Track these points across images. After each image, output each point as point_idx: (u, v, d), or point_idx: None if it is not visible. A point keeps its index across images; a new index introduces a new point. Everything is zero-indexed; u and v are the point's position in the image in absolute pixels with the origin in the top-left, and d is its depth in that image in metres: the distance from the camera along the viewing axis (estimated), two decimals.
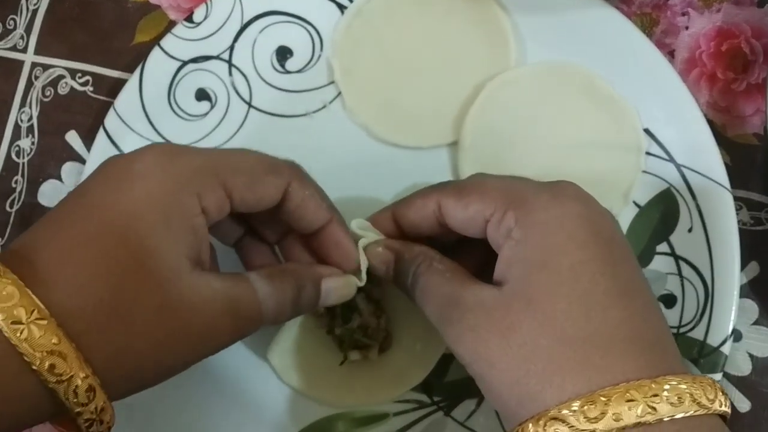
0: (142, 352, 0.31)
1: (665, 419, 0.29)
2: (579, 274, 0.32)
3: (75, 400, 0.29)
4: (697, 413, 0.29)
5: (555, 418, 0.29)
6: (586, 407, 0.29)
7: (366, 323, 0.42)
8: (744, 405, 0.44)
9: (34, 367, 0.28)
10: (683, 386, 0.30)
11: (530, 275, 0.32)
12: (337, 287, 0.38)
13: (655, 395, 0.29)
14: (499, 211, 0.34)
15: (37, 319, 0.29)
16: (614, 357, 0.31)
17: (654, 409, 0.29)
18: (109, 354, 0.30)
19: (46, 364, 0.29)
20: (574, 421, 0.29)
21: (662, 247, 0.44)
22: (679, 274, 0.44)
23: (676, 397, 0.29)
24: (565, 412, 0.29)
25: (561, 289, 0.32)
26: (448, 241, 0.40)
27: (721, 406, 0.30)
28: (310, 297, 0.37)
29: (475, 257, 0.40)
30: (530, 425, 0.30)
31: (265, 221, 0.39)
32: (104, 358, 0.30)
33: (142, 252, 0.31)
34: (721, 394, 0.30)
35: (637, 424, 0.29)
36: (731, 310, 0.42)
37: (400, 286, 0.38)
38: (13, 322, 0.28)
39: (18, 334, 0.28)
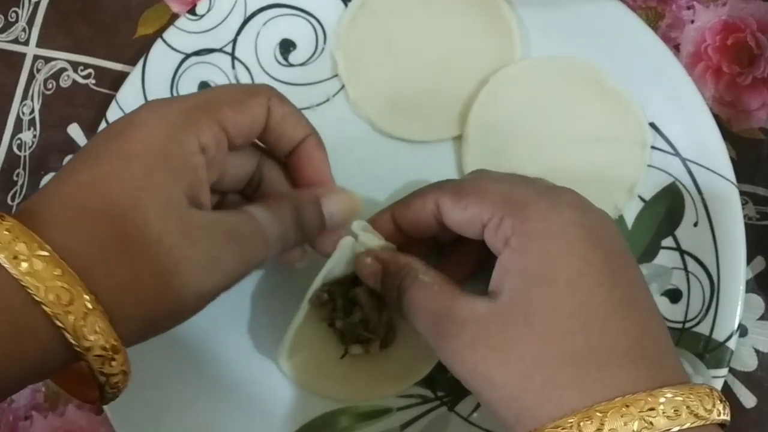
0: (148, 285, 0.31)
1: None
2: (577, 286, 0.32)
3: (83, 333, 0.29)
4: (695, 425, 0.29)
5: None
6: (582, 423, 0.29)
7: (367, 317, 0.41)
8: (750, 401, 0.44)
9: (38, 299, 0.28)
10: (679, 398, 0.29)
11: (527, 288, 0.32)
12: (339, 202, 0.39)
13: (652, 409, 0.29)
14: (497, 216, 0.34)
15: (38, 250, 0.29)
16: (611, 371, 0.30)
17: (651, 423, 0.29)
18: (115, 287, 0.30)
19: (51, 296, 0.28)
20: None
21: (668, 241, 0.44)
22: (685, 268, 0.43)
23: (672, 410, 0.29)
24: (560, 428, 0.29)
25: (559, 302, 0.31)
26: (449, 239, 0.40)
27: (719, 416, 0.30)
28: (312, 216, 0.38)
29: (475, 257, 0.40)
30: None
31: (270, 195, 0.40)
32: (111, 292, 0.30)
33: (140, 188, 0.32)
34: (719, 402, 0.30)
35: None
36: (737, 305, 0.42)
37: (388, 299, 0.38)
38: (15, 257, 0.28)
39: (20, 267, 0.28)
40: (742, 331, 0.44)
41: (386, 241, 0.39)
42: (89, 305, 0.29)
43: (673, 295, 0.43)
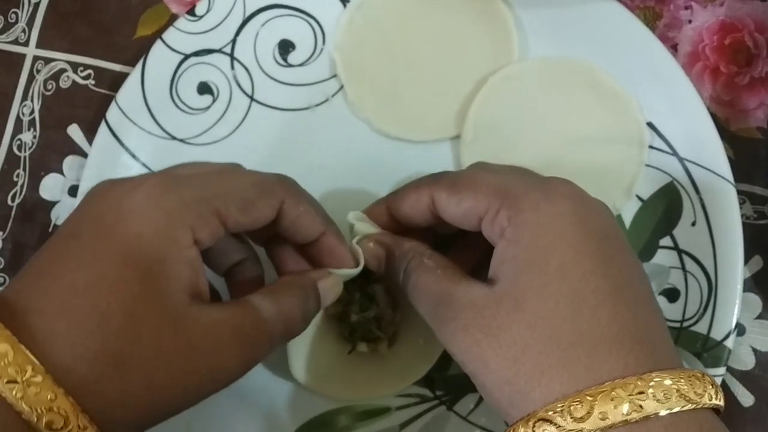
0: (141, 398, 0.31)
1: (652, 416, 0.29)
2: (568, 273, 0.32)
3: None
4: (686, 408, 0.29)
5: (543, 419, 0.30)
6: (572, 407, 0.29)
7: (382, 314, 0.42)
8: (747, 399, 0.44)
9: (32, 425, 0.28)
10: (668, 382, 0.29)
11: (519, 275, 0.32)
12: (332, 286, 0.38)
13: (641, 392, 0.29)
14: (492, 208, 0.34)
15: (32, 377, 0.29)
16: (601, 356, 0.30)
17: (640, 406, 0.29)
18: (107, 404, 0.30)
19: (44, 420, 0.29)
20: (561, 421, 0.29)
21: (665, 241, 0.44)
22: (683, 268, 0.44)
23: (662, 394, 0.29)
24: (552, 412, 0.29)
25: (549, 289, 0.32)
26: (449, 232, 0.40)
27: (711, 400, 0.30)
28: (314, 304, 0.37)
29: (476, 247, 0.40)
30: (520, 427, 0.30)
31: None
32: (103, 409, 0.30)
33: (136, 297, 0.31)
34: (711, 387, 0.30)
35: (625, 422, 0.29)
36: (734, 304, 0.42)
37: (393, 283, 0.38)
38: (9, 381, 0.28)
39: (14, 393, 0.28)
40: (740, 330, 0.44)
41: (381, 231, 0.39)
42: (82, 426, 0.29)
43: (671, 295, 0.43)
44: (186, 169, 0.35)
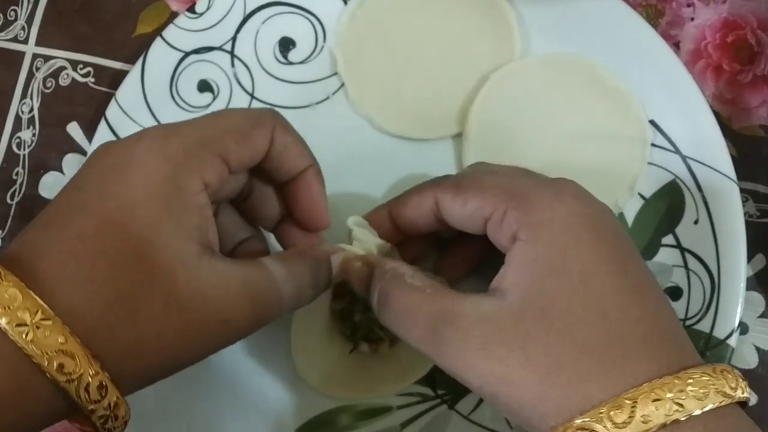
0: (153, 346, 0.30)
1: (694, 414, 0.28)
2: (590, 276, 0.31)
3: (87, 397, 0.29)
4: (723, 404, 0.29)
5: (582, 428, 0.28)
6: (612, 412, 0.28)
7: None
8: (751, 398, 0.44)
9: (42, 368, 0.28)
10: (706, 378, 0.29)
11: (541, 281, 0.31)
12: (339, 260, 0.38)
13: (681, 391, 0.28)
14: (499, 210, 0.33)
15: (42, 319, 0.28)
16: (635, 357, 0.30)
17: (681, 405, 0.28)
18: (119, 350, 0.30)
19: (55, 364, 0.28)
20: (601, 429, 0.28)
21: (668, 239, 0.44)
22: (685, 266, 0.43)
23: (701, 391, 0.29)
24: (591, 420, 0.28)
25: (575, 293, 0.31)
26: (448, 236, 0.40)
27: (743, 393, 0.30)
28: (325, 276, 0.37)
29: (474, 251, 0.40)
30: None
31: (261, 206, 0.39)
32: (114, 354, 0.30)
33: (146, 243, 0.30)
34: (741, 381, 0.30)
35: (665, 424, 0.28)
36: (737, 302, 0.42)
37: (369, 305, 0.37)
38: (18, 325, 0.28)
39: (24, 336, 0.28)
40: (743, 328, 0.44)
41: (380, 239, 0.39)
42: (93, 372, 0.29)
43: (674, 293, 0.43)
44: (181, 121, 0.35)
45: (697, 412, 0.28)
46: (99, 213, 0.31)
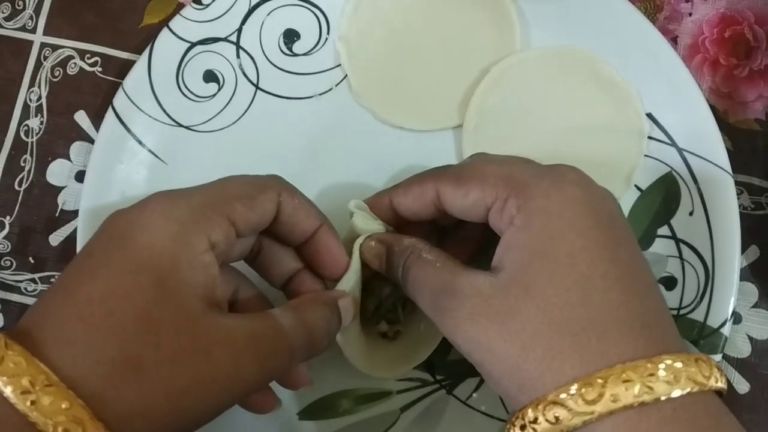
0: (161, 405, 0.30)
1: (662, 398, 0.29)
2: (577, 260, 0.32)
3: None
4: (694, 390, 0.30)
5: (554, 402, 0.30)
6: (583, 390, 0.29)
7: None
8: (743, 386, 0.45)
9: None
10: (679, 364, 0.30)
11: (529, 262, 0.33)
12: (350, 305, 0.38)
13: (651, 375, 0.29)
14: (500, 198, 0.34)
15: (46, 385, 0.28)
16: (611, 340, 0.31)
17: (651, 388, 0.29)
18: (125, 411, 0.30)
19: (60, 430, 0.28)
20: (572, 404, 0.29)
21: (663, 230, 0.45)
22: (680, 256, 0.44)
23: (672, 376, 0.29)
24: (563, 395, 0.30)
25: (559, 274, 0.32)
26: (448, 223, 0.40)
27: (717, 383, 0.30)
28: (337, 321, 0.37)
29: (475, 238, 0.41)
30: (529, 410, 0.30)
31: (271, 264, 0.39)
32: (121, 417, 0.29)
33: (151, 302, 0.31)
34: (716, 371, 0.31)
35: (635, 404, 0.29)
36: (731, 292, 0.43)
37: (393, 279, 0.38)
38: (23, 392, 0.28)
39: (27, 404, 0.28)
40: (736, 318, 0.45)
41: (381, 222, 0.39)
42: None
43: (669, 283, 0.44)
44: (187, 187, 0.36)
45: (668, 395, 0.29)
46: (106, 277, 0.31)
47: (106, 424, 0.29)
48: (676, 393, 0.29)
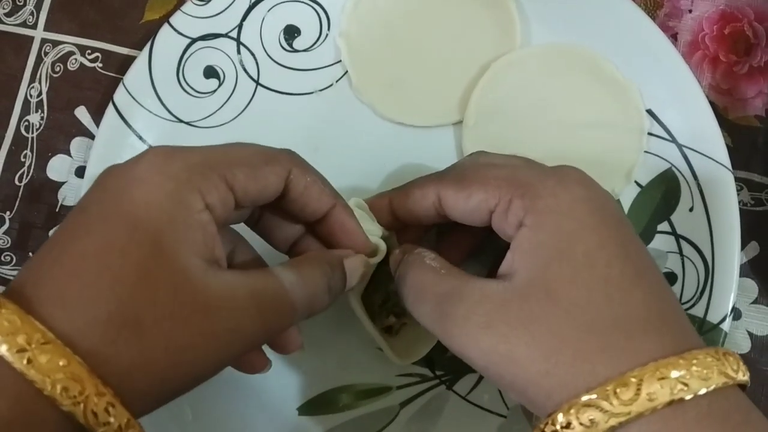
0: (161, 361, 0.30)
1: (699, 394, 0.29)
2: (594, 259, 0.32)
3: (95, 420, 0.28)
4: (725, 385, 0.29)
5: (587, 405, 0.29)
6: (618, 390, 0.29)
7: None
8: None
9: (46, 393, 0.27)
10: (710, 359, 0.29)
11: (547, 264, 0.32)
12: (358, 266, 0.37)
13: (686, 371, 0.29)
14: (504, 200, 0.34)
15: (42, 343, 0.28)
16: (640, 338, 0.30)
17: (686, 385, 0.29)
18: (124, 367, 0.29)
19: (58, 388, 0.27)
20: (607, 406, 0.29)
21: (663, 226, 0.45)
22: (680, 252, 0.44)
23: (705, 372, 0.29)
24: (597, 397, 0.29)
25: (580, 276, 0.31)
26: (444, 224, 0.40)
27: (744, 375, 0.30)
28: (339, 280, 0.36)
29: (468, 242, 0.41)
30: (560, 415, 0.29)
31: (275, 227, 0.38)
32: (120, 373, 0.29)
33: (149, 259, 0.30)
34: (742, 364, 0.31)
35: (671, 402, 0.29)
36: (731, 288, 0.43)
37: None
38: (18, 351, 0.27)
39: (24, 362, 0.27)
40: (736, 314, 0.45)
41: (378, 224, 0.39)
42: (99, 392, 0.28)
43: (669, 279, 0.44)
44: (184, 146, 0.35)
45: (702, 391, 0.29)
46: (101, 232, 0.30)
47: (105, 381, 0.28)
48: (711, 387, 0.29)
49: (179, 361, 0.30)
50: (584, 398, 0.29)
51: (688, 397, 0.29)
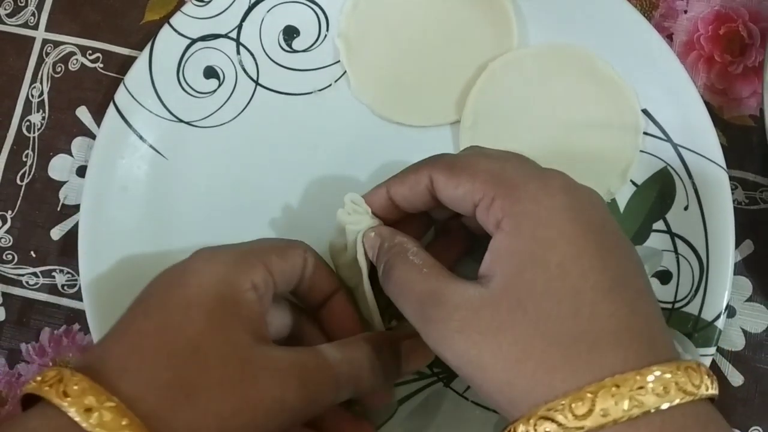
0: (211, 426, 0.32)
1: (652, 410, 0.29)
2: (568, 270, 0.31)
3: None
4: (684, 401, 0.29)
5: (544, 417, 0.29)
6: (573, 404, 0.29)
7: None
8: (737, 379, 0.45)
9: None
10: (668, 375, 0.29)
11: (520, 272, 0.32)
12: (415, 348, 0.39)
13: (641, 387, 0.29)
14: (488, 197, 0.34)
15: (107, 402, 0.30)
16: (601, 352, 0.30)
17: (640, 402, 0.29)
18: (179, 429, 0.31)
19: None
20: (562, 419, 0.29)
21: (658, 224, 0.45)
22: (675, 251, 0.45)
23: (661, 388, 0.29)
24: (553, 410, 0.29)
25: (551, 287, 0.31)
26: (444, 216, 0.41)
27: (707, 390, 0.30)
28: (390, 359, 0.38)
29: (464, 237, 0.41)
30: (520, 425, 0.30)
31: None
32: None
33: (201, 334, 0.33)
34: (706, 377, 0.30)
35: (624, 418, 0.29)
36: (725, 285, 0.43)
37: (379, 276, 0.38)
38: (86, 410, 0.30)
39: (90, 420, 0.30)
40: (731, 312, 0.45)
41: (373, 217, 0.39)
42: None
43: (664, 277, 0.44)
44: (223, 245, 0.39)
45: (664, 406, 0.29)
46: (159, 315, 0.34)
47: None
48: (665, 405, 0.29)
49: (227, 426, 0.32)
50: (542, 410, 0.30)
51: (641, 412, 0.29)
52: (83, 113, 0.49)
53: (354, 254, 0.39)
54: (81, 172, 0.49)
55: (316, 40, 0.48)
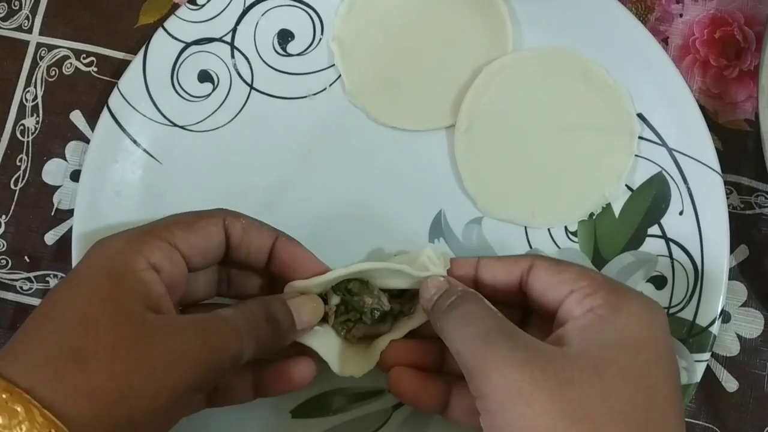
0: (105, 387, 0.32)
1: None
2: (652, 371, 0.33)
3: None
4: None
5: None
6: None
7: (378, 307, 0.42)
8: (732, 384, 0.45)
9: None
10: None
11: (603, 348, 0.33)
12: (306, 306, 0.39)
13: None
14: (591, 287, 0.35)
15: None
16: None
17: None
18: (69, 395, 0.31)
19: (1, 419, 0.30)
20: None
21: (654, 229, 0.45)
22: (670, 256, 0.45)
23: None
24: None
25: (633, 373, 0.33)
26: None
27: None
28: (281, 312, 0.39)
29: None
30: None
31: (243, 286, 0.42)
32: (66, 401, 0.31)
33: (87, 306, 0.34)
34: None
35: None
36: (720, 291, 0.43)
37: (433, 311, 0.38)
38: None
39: None
40: (725, 317, 0.45)
41: (444, 271, 0.40)
42: (40, 418, 0.30)
43: (658, 282, 0.44)
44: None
45: None
46: (49, 299, 0.35)
47: (52, 410, 0.31)
48: None
49: (125, 385, 0.32)
50: None
51: None
52: (77, 117, 0.49)
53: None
54: (75, 176, 0.48)
55: (311, 43, 0.48)
